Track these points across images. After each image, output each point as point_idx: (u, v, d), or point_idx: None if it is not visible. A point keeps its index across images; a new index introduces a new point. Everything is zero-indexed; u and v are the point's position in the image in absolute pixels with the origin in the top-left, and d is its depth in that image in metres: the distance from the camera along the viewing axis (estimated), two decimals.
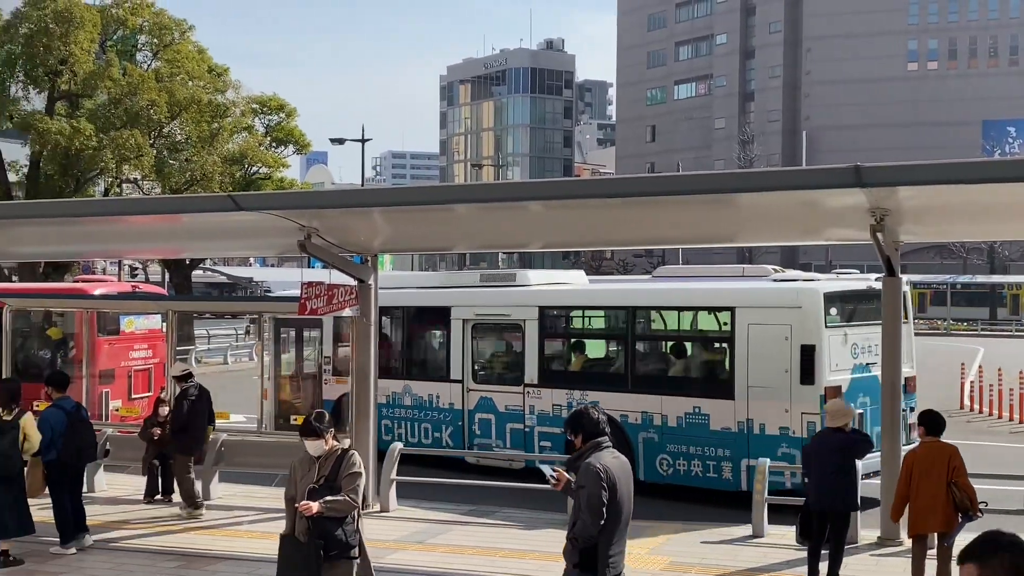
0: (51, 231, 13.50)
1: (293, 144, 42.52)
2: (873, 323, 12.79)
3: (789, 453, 12.48)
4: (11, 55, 35.23)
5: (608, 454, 6.15)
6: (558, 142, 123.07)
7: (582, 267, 74.50)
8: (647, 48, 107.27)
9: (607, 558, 6.00)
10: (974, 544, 3.00)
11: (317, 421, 7.08)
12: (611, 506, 5.97)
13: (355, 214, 10.98)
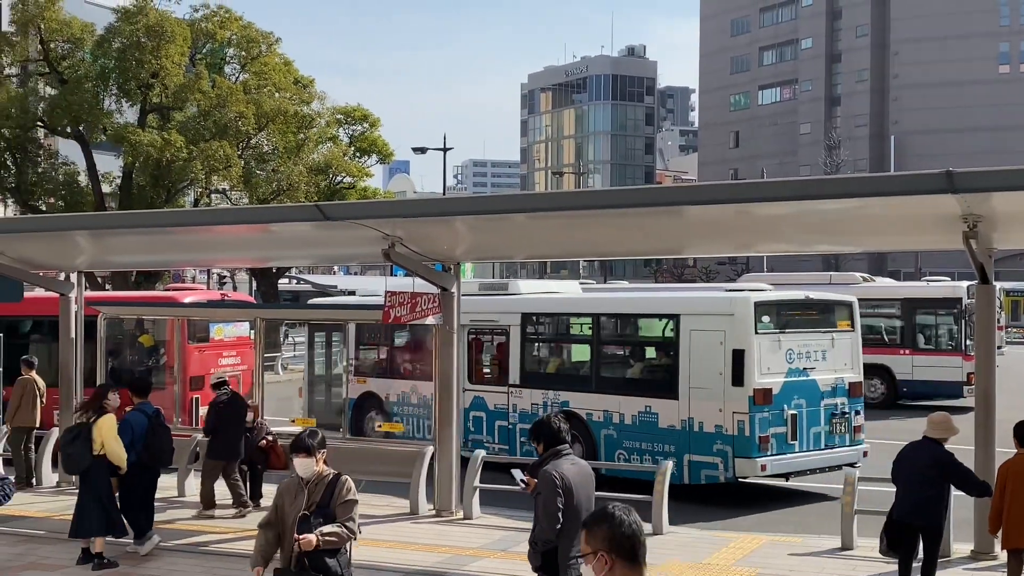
0: (143, 241, 13.89)
1: (376, 154, 43.07)
2: (809, 331, 14.40)
3: (723, 449, 13.66)
4: (105, 69, 36.31)
5: (567, 461, 6.57)
6: (639, 149, 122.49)
7: (665, 275, 73.96)
8: (730, 53, 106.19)
9: (568, 560, 6.33)
10: (589, 515, 3.56)
11: (310, 438, 6.57)
12: (568, 511, 6.35)
13: (438, 223, 11.08)
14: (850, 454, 14.48)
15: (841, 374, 14.57)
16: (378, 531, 11.97)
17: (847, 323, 15.07)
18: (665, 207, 9.53)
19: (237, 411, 12.89)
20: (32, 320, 18.53)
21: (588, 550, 3.42)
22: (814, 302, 15.16)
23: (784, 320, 14.44)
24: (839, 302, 15.49)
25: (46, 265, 15.48)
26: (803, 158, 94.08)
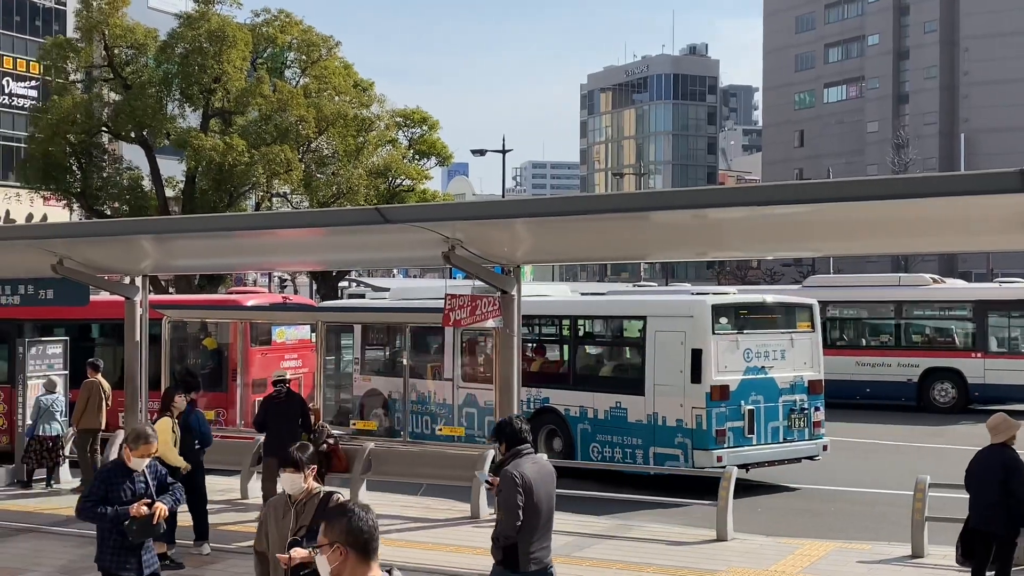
0: (206, 244, 14.09)
1: (435, 156, 43.29)
2: (768, 331, 15.67)
3: (683, 442, 14.97)
4: (168, 74, 37.01)
5: (528, 461, 6.91)
6: (701, 149, 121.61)
7: (728, 278, 73.30)
8: (795, 51, 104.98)
9: (528, 555, 6.81)
10: (328, 511, 3.87)
11: (300, 452, 6.29)
12: (528, 508, 6.74)
13: (498, 225, 11.10)
14: (809, 448, 15.76)
15: (800, 372, 15.77)
16: (439, 535, 12.03)
17: (807, 324, 16.26)
18: (729, 208, 9.44)
19: (289, 408, 13.01)
20: (97, 323, 18.92)
21: (325, 541, 3.69)
22: (773, 305, 16.49)
23: (742, 321, 15.60)
24: (799, 304, 16.63)
25: (111, 269, 15.76)
26: (870, 157, 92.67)
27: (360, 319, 18.81)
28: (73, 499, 14.26)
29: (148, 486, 7.32)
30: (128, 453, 7.27)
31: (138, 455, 7.29)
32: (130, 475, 7.30)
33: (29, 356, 15.84)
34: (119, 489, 7.23)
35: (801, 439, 15.70)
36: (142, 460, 7.33)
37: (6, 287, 15.09)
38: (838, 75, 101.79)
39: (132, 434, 7.35)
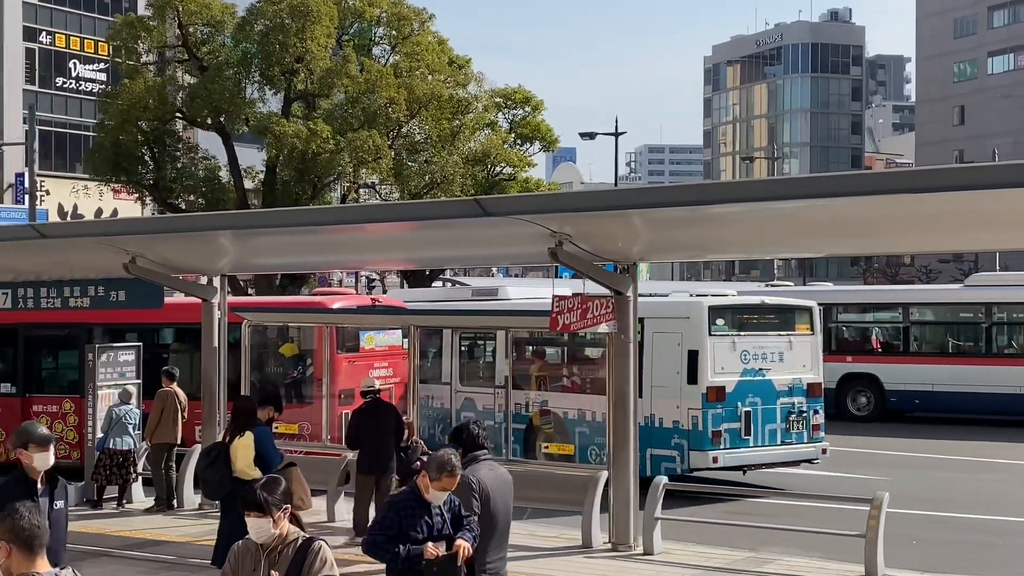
0: (290, 241, 14.38)
1: (539, 141, 43.35)
2: (766, 334, 17.16)
3: (679, 443, 16.42)
4: (247, 54, 37.74)
5: (485, 467, 7.49)
6: (844, 128, 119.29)
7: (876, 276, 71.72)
8: (953, 15, 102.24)
9: (484, 563, 7.24)
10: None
11: (266, 491, 5.78)
12: (485, 515, 7.22)
13: (614, 217, 11.07)
14: (808, 451, 17.23)
15: (799, 375, 17.22)
16: (548, 565, 12.05)
17: (806, 327, 17.70)
18: (885, 196, 9.22)
19: (383, 420, 13.16)
20: (172, 328, 19.45)
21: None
22: (771, 306, 18.18)
23: (739, 323, 17.13)
24: (798, 307, 18.12)
25: (187, 268, 16.21)
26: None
27: (458, 323, 18.96)
28: (145, 520, 14.73)
29: (445, 521, 6.91)
30: (426, 483, 6.83)
31: (439, 487, 6.82)
32: (427, 508, 6.85)
33: (100, 363, 16.32)
34: (415, 524, 6.79)
35: (799, 442, 17.16)
36: (442, 494, 6.88)
37: (75, 288, 15.61)
38: (1004, 42, 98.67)
39: (435, 463, 6.86)
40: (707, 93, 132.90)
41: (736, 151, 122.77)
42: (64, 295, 15.59)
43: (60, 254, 15.53)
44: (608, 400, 12.86)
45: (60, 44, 57.24)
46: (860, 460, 21.11)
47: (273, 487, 5.81)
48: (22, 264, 16.50)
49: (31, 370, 19.93)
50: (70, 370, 19.78)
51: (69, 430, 18.96)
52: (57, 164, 55.79)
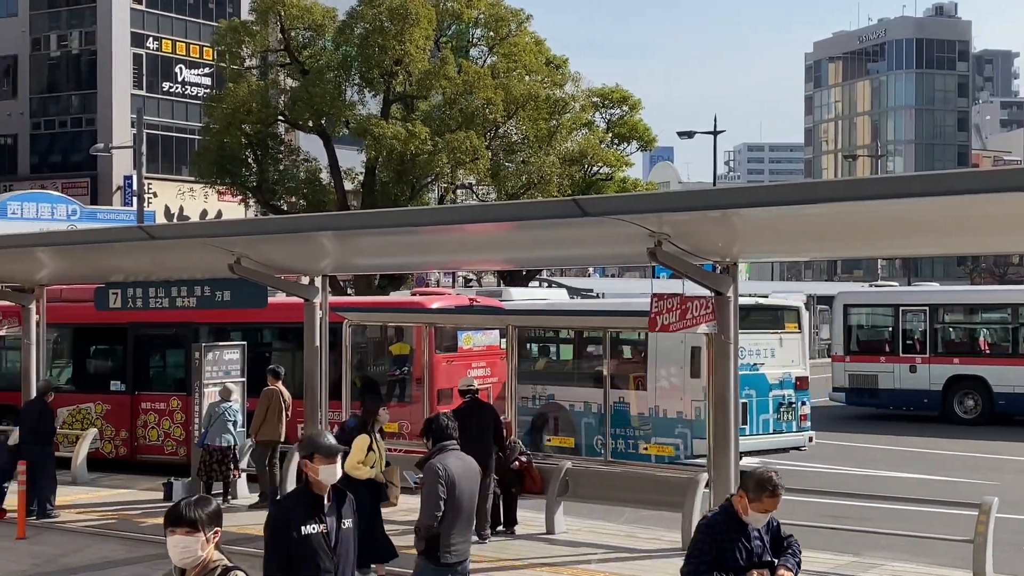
0: (389, 242, 14.53)
1: (637, 140, 43.19)
2: (759, 332, 18.52)
3: (683, 431, 17.60)
4: (347, 57, 38.26)
5: (452, 456, 8.03)
6: (950, 125, 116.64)
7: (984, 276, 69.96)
8: None
9: (448, 546, 7.84)
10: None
11: (194, 508, 5.07)
12: (450, 501, 7.79)
13: (714, 217, 10.98)
14: (796, 439, 19.15)
15: (789, 369, 19.00)
16: (646, 567, 12.02)
17: (795, 326, 19.52)
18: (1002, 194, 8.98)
19: (481, 420, 13.23)
20: (274, 327, 19.79)
21: None
22: (765, 307, 20.33)
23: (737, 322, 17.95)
24: (787, 307, 20.22)
25: (290, 269, 16.45)
26: None
27: (556, 323, 19.01)
28: (250, 516, 15.03)
29: (764, 546, 6.27)
30: (744, 503, 6.17)
31: (760, 509, 6.16)
32: (744, 530, 6.18)
33: (206, 362, 16.69)
34: (732, 548, 6.13)
35: (789, 431, 18.98)
36: (763, 516, 6.20)
37: (182, 288, 15.97)
38: None
39: (753, 481, 6.21)
40: (808, 90, 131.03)
41: (838, 149, 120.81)
42: (172, 295, 15.96)
43: (168, 255, 15.91)
44: (708, 402, 12.76)
45: (167, 49, 58.61)
46: (966, 464, 20.65)
47: (205, 505, 5.13)
48: (132, 265, 16.95)
49: (140, 369, 20.44)
50: (177, 368, 20.25)
51: (176, 427, 19.42)
52: (164, 167, 57.12)
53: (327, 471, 6.34)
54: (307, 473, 6.40)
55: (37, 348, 18.39)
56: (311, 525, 6.33)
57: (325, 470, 6.33)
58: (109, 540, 13.79)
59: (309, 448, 6.42)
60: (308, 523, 6.32)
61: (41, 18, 58.32)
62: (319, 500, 6.38)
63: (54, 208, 50.42)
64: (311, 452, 6.37)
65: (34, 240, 18.28)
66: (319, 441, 6.48)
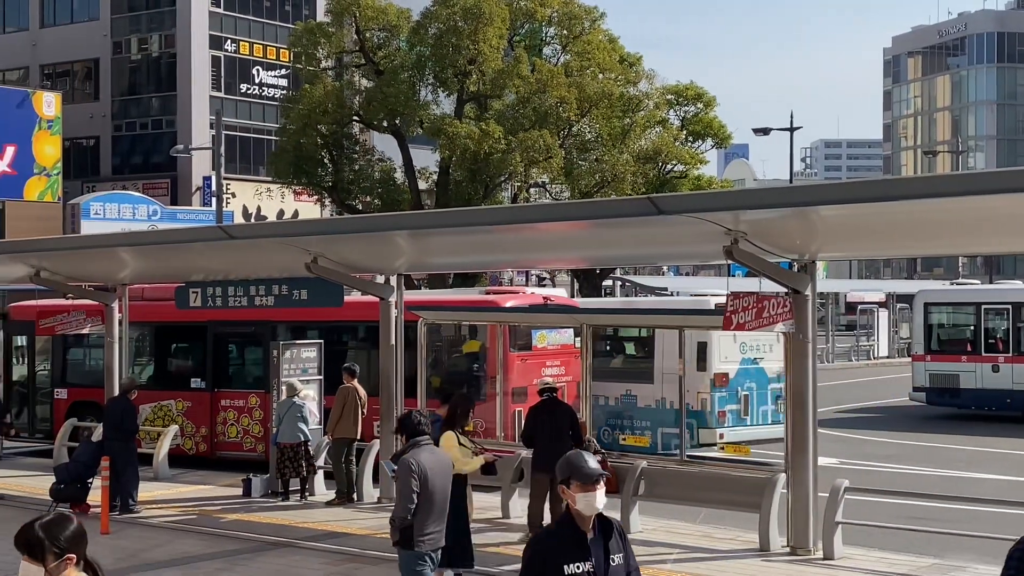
0: (464, 241, 14.59)
1: (712, 137, 42.90)
2: None
3: (689, 422, 17.80)
4: (421, 58, 38.46)
5: (425, 451, 8.50)
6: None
7: None
8: None
9: (422, 535, 8.36)
10: None
11: (46, 530, 4.38)
12: (423, 494, 8.30)
13: (793, 215, 10.87)
14: None
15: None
16: (725, 568, 11.92)
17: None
18: None
19: (558, 419, 13.22)
20: (349, 326, 19.94)
21: None
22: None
23: None
24: None
25: (366, 268, 16.59)
26: None
27: (631, 322, 18.95)
28: (326, 513, 15.18)
29: None
30: None
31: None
32: None
33: (283, 360, 16.87)
34: None
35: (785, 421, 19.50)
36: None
37: (260, 287, 16.19)
38: None
39: None
40: (887, 85, 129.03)
41: (918, 145, 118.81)
42: (250, 294, 16.18)
43: (246, 254, 16.13)
44: (786, 402, 12.62)
45: (244, 51, 59.37)
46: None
47: (58, 527, 4.41)
48: (211, 264, 17.21)
49: (219, 366, 20.72)
50: (255, 366, 20.49)
51: (255, 424, 19.66)
52: (241, 167, 57.84)
53: (585, 500, 5.33)
54: (566, 502, 5.42)
55: (120, 346, 18.76)
56: (575, 564, 5.32)
57: (583, 499, 5.32)
58: (189, 535, 14.00)
59: (566, 471, 5.40)
60: (571, 562, 5.31)
61: (122, 22, 59.37)
62: (582, 534, 5.38)
63: (135, 208, 51.37)
64: (568, 476, 5.38)
65: (117, 240, 18.66)
66: (578, 463, 5.40)
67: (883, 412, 29.50)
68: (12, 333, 22.36)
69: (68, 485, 15.50)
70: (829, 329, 46.52)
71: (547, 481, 13.10)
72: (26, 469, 19.34)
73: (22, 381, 22.49)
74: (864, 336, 49.11)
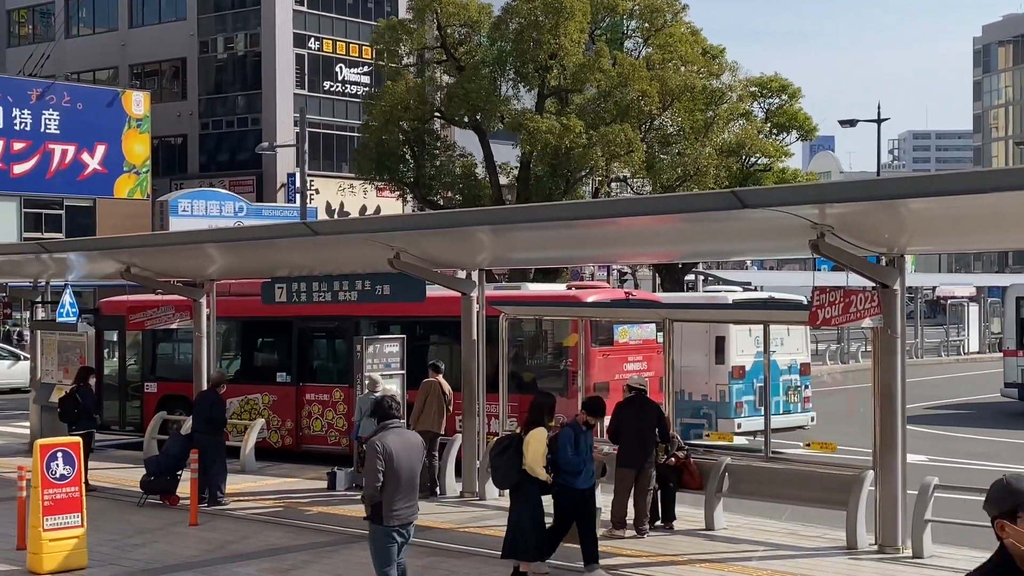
0: (545, 236, 14.59)
1: (796, 130, 42.38)
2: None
3: (708, 413, 19.88)
4: (502, 53, 38.53)
5: (393, 433, 9.15)
6: None
7: None
8: None
9: (391, 511, 9.02)
10: None
11: None
12: (388, 472, 8.93)
13: (881, 208, 10.68)
14: (802, 418, 20.89)
15: (795, 356, 20.82)
16: (812, 566, 11.79)
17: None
18: None
19: (644, 415, 13.17)
20: (430, 321, 20.03)
21: None
22: (776, 301, 23.15)
23: None
24: (793, 302, 22.41)
25: (447, 263, 16.67)
26: None
27: (713, 316, 18.77)
28: None
29: None
30: None
31: None
32: None
33: (367, 354, 17.00)
34: None
35: (795, 411, 20.83)
36: None
37: (344, 282, 16.32)
38: None
39: None
40: (977, 75, 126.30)
41: (1009, 136, 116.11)
42: (334, 289, 16.33)
43: (330, 250, 16.31)
44: (874, 395, 12.43)
45: (327, 49, 59.97)
46: None
47: None
48: (296, 260, 17.42)
49: (304, 361, 20.97)
50: (339, 360, 20.70)
51: (339, 418, 19.85)
52: (325, 164, 58.45)
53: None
54: (1004, 538, 4.07)
55: (208, 341, 19.07)
56: None
57: None
58: (276, 527, 14.19)
59: (1012, 500, 4.00)
60: None
61: (208, 21, 60.34)
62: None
63: (222, 205, 52.21)
64: (1015, 507, 4.00)
65: (204, 237, 18.99)
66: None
67: (973, 408, 28.89)
68: (103, 328, 22.83)
69: (158, 477, 15.79)
70: (918, 324, 45.73)
71: (632, 476, 13.07)
72: (117, 461, 19.76)
73: (113, 375, 22.97)
74: (954, 331, 48.20)
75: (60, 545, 11.74)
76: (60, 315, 22.99)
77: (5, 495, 15.32)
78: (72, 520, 11.84)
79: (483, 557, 12.27)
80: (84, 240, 26.10)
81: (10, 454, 20.31)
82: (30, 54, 56.20)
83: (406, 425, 11.91)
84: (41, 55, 54.62)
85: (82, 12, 63.84)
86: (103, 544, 12.88)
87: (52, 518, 11.69)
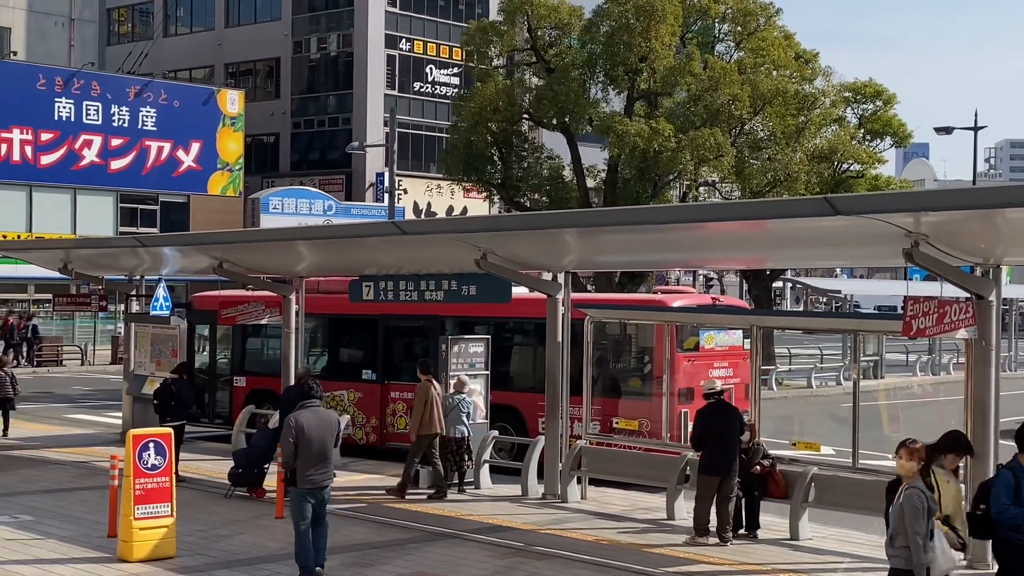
0: (632, 239, 14.54)
1: (891, 136, 41.64)
2: None
3: None
4: (592, 55, 38.47)
5: (308, 411, 11.03)
6: None
7: None
8: None
9: (304, 476, 10.85)
10: None
11: None
12: (301, 446, 10.79)
13: (978, 218, 10.49)
14: None
15: None
16: None
17: None
18: None
19: (727, 422, 13.07)
20: (515, 322, 20.08)
21: None
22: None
23: None
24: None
25: (534, 265, 16.70)
26: None
27: (802, 324, 18.56)
28: (492, 506, 15.36)
29: None
30: None
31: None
32: None
33: (452, 354, 17.11)
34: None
35: None
36: None
37: (430, 282, 16.46)
38: None
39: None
40: None
41: None
42: (420, 288, 16.47)
43: (418, 250, 16.44)
44: (965, 407, 12.20)
45: (418, 50, 60.46)
46: None
47: None
48: (384, 258, 17.60)
49: (389, 359, 21.16)
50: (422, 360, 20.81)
51: None
52: (413, 164, 58.91)
53: None
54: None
55: (296, 337, 19.34)
56: None
57: None
58: (359, 523, 14.34)
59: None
60: None
61: (302, 21, 61.17)
62: None
63: (311, 203, 52.94)
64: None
65: (295, 234, 19.25)
66: None
67: None
68: (195, 322, 23.26)
69: (245, 470, 16.05)
70: (1012, 336, 44.70)
71: (715, 483, 12.96)
72: (206, 453, 20.13)
73: (203, 369, 23.40)
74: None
75: (150, 534, 12.00)
76: (154, 308, 23.50)
77: (98, 483, 15.70)
78: (162, 510, 12.09)
79: (564, 560, 12.28)
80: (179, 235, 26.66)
81: (102, 444, 20.80)
82: (129, 52, 57.48)
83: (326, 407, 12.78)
84: (140, 53, 55.86)
85: (180, 11, 65.14)
86: (191, 534, 13.13)
87: (143, 507, 11.95)
